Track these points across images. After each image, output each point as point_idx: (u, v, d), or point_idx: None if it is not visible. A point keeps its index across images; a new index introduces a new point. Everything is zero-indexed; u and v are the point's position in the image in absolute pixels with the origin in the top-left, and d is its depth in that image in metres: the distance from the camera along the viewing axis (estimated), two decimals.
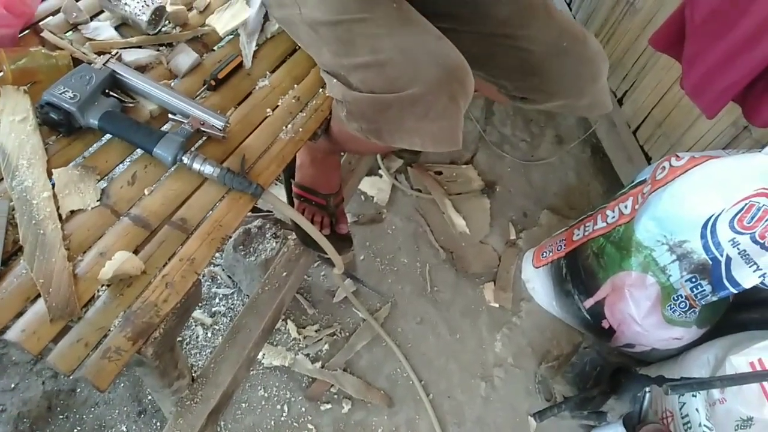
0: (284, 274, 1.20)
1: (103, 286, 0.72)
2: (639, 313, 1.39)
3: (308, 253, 1.26)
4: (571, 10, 2.10)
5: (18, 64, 0.82)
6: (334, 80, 0.87)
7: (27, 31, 0.89)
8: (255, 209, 1.52)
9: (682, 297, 1.36)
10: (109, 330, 0.69)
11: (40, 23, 0.90)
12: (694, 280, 1.34)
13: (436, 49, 0.80)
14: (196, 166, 0.82)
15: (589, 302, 1.50)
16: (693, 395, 1.35)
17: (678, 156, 1.31)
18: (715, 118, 1.40)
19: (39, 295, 0.69)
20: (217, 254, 1.47)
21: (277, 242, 1.42)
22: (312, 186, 1.22)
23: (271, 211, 1.50)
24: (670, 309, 1.38)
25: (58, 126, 0.79)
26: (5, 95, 0.80)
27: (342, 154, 1.37)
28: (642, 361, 1.57)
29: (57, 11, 0.93)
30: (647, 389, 1.43)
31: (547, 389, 1.48)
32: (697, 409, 1.33)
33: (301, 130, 0.95)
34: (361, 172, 1.49)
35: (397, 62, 0.78)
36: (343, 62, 0.84)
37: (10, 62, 0.81)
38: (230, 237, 0.81)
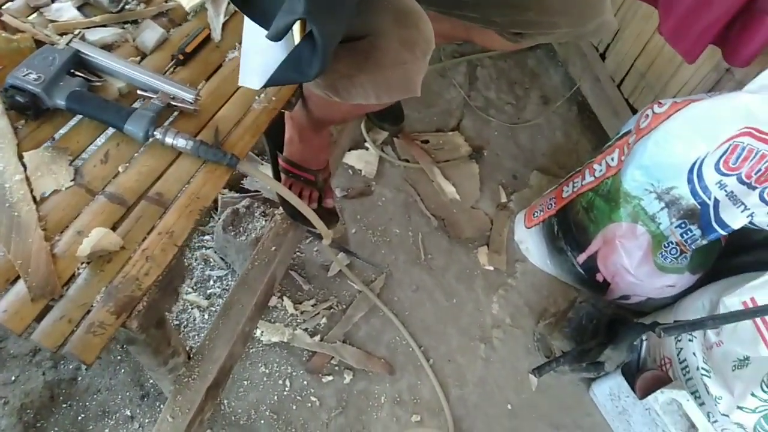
0: (273, 248, 1.20)
1: (83, 264, 0.72)
2: (631, 264, 1.40)
3: (296, 227, 1.26)
4: None
5: None
6: None
7: None
8: (242, 189, 1.52)
9: (672, 243, 1.36)
10: (92, 306, 0.70)
11: (1, 8, 0.89)
12: (683, 225, 1.34)
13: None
14: (169, 140, 0.81)
15: (582, 257, 1.50)
16: (689, 340, 1.35)
17: (660, 103, 1.30)
18: (696, 64, 1.39)
19: (19, 277, 0.69)
20: (208, 237, 1.47)
21: (266, 220, 1.42)
22: (300, 161, 1.21)
23: (259, 191, 1.50)
24: (662, 256, 1.38)
25: (25, 109, 0.78)
26: None
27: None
28: (639, 313, 1.57)
29: None
30: (643, 337, 1.44)
31: (546, 346, 1.49)
32: (694, 353, 1.34)
33: (274, 98, 0.94)
34: (344, 144, 1.48)
35: None
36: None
37: None
38: (207, 208, 0.81)
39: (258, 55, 0.76)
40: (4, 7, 0.89)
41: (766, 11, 1.19)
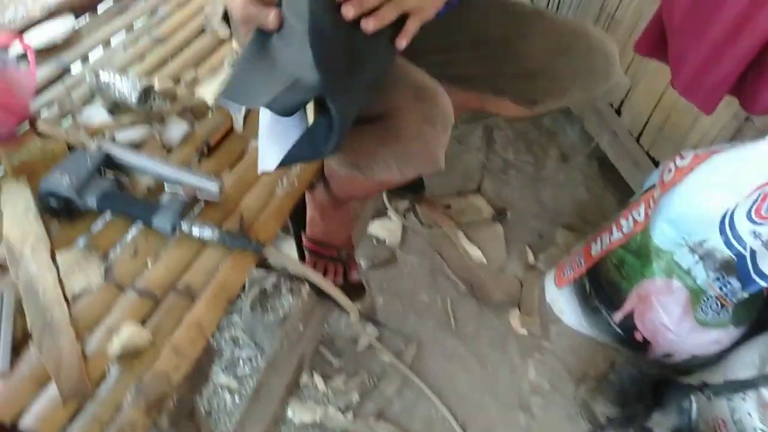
0: (301, 327, 1.20)
1: (112, 361, 0.72)
2: (671, 321, 1.35)
3: (323, 304, 1.26)
4: None
5: (16, 157, 0.86)
6: None
7: (24, 126, 0.94)
8: (268, 267, 1.53)
9: (712, 297, 1.32)
10: (122, 405, 0.69)
11: (37, 116, 0.94)
12: (721, 278, 1.30)
13: (403, 75, 0.81)
14: (196, 231, 0.83)
15: (617, 316, 1.45)
16: (743, 399, 1.28)
17: (682, 155, 1.29)
18: (715, 113, 1.39)
19: (50, 379, 0.69)
20: (237, 317, 1.47)
21: (293, 297, 1.42)
22: (323, 239, 1.23)
23: (285, 268, 1.51)
24: (702, 311, 1.33)
25: (58, 212, 0.81)
26: (6, 189, 0.84)
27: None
28: (685, 371, 1.50)
29: (52, 104, 0.98)
30: (692, 398, 1.37)
31: (590, 412, 1.42)
32: (749, 413, 1.26)
33: (296, 182, 0.96)
34: (367, 216, 1.50)
35: None
36: None
37: (8, 157, 0.85)
38: (237, 297, 0.82)
39: (273, 138, 0.79)
40: (39, 116, 0.95)
41: None
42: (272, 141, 0.76)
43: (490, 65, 1.01)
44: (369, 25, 0.67)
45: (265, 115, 0.79)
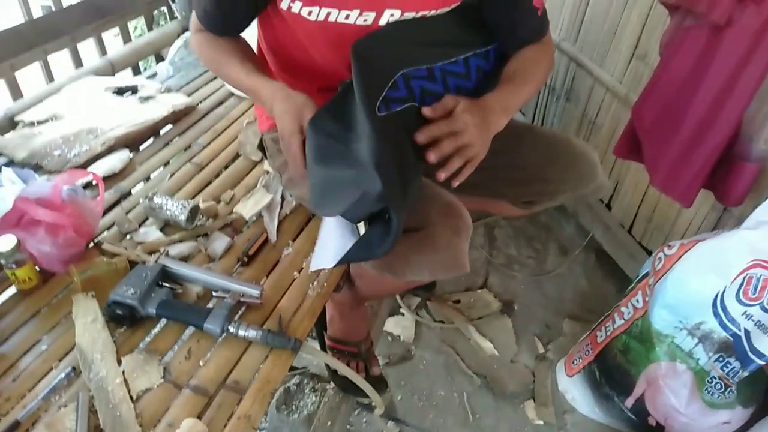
0: (328, 423, 1.26)
1: None
2: (680, 403, 1.40)
3: (348, 399, 1.32)
4: None
5: (85, 274, 0.98)
6: None
7: (90, 245, 1.07)
8: (291, 368, 1.60)
9: (715, 378, 1.38)
10: None
11: (99, 237, 1.08)
12: (721, 359, 1.37)
13: (433, 195, 0.95)
14: (241, 332, 0.94)
15: (629, 401, 1.50)
16: None
17: (670, 245, 1.41)
18: (695, 206, 1.53)
19: None
20: (262, 418, 1.52)
21: (316, 396, 1.48)
22: (343, 337, 1.33)
23: (306, 367, 1.58)
24: (708, 392, 1.39)
25: (123, 320, 0.93)
26: (77, 302, 0.96)
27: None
28: None
29: (111, 225, 1.12)
30: None
31: None
32: None
33: (325, 284, 1.08)
34: (384, 314, 1.60)
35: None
36: None
37: (79, 274, 0.98)
38: (277, 390, 0.91)
39: (330, 241, 0.92)
40: (101, 237, 1.09)
41: (743, 157, 1.35)
42: (327, 245, 0.90)
43: (489, 175, 1.17)
44: (440, 176, 0.84)
45: (325, 223, 0.93)
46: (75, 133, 1.33)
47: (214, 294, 1.01)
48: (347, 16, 0.90)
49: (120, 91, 1.55)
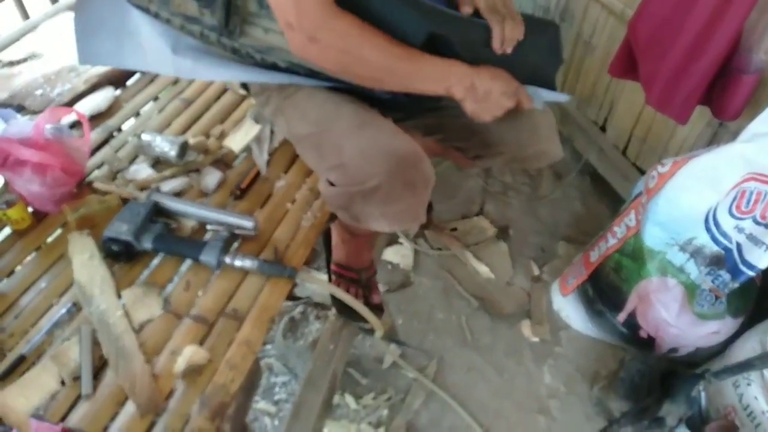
0: (331, 346, 1.30)
1: (178, 378, 0.84)
2: (670, 316, 1.45)
3: (349, 324, 1.37)
4: None
5: (78, 212, 0.99)
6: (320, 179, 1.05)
7: (82, 185, 1.07)
8: (294, 297, 1.65)
9: (706, 291, 1.42)
10: (190, 415, 0.81)
11: (91, 176, 1.08)
12: (712, 272, 1.40)
13: (387, 144, 0.95)
14: (238, 263, 0.95)
15: (621, 316, 1.55)
16: (748, 384, 1.36)
17: (662, 163, 1.41)
18: (690, 123, 1.52)
19: (127, 397, 0.81)
20: (269, 345, 1.58)
21: (320, 323, 1.53)
22: (346, 263, 1.35)
23: (309, 296, 1.62)
24: (699, 305, 1.43)
25: (119, 255, 0.94)
26: (73, 241, 0.97)
27: None
28: (693, 364, 1.59)
29: (102, 164, 1.12)
30: (701, 388, 1.45)
31: (605, 409, 1.51)
32: (756, 397, 1.34)
33: (318, 215, 1.09)
34: (380, 244, 1.62)
35: (356, 162, 0.94)
36: (320, 165, 1.03)
37: (72, 213, 0.99)
38: (276, 318, 0.94)
39: None
40: (93, 176, 1.09)
41: (741, 70, 1.32)
42: None
43: (438, 119, 1.18)
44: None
45: None
46: (56, 71, 1.30)
47: (208, 228, 1.02)
48: None
49: None
